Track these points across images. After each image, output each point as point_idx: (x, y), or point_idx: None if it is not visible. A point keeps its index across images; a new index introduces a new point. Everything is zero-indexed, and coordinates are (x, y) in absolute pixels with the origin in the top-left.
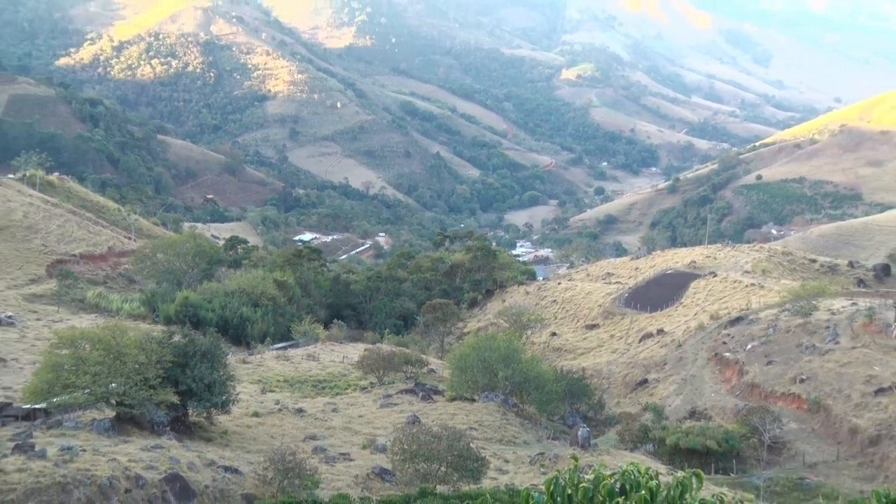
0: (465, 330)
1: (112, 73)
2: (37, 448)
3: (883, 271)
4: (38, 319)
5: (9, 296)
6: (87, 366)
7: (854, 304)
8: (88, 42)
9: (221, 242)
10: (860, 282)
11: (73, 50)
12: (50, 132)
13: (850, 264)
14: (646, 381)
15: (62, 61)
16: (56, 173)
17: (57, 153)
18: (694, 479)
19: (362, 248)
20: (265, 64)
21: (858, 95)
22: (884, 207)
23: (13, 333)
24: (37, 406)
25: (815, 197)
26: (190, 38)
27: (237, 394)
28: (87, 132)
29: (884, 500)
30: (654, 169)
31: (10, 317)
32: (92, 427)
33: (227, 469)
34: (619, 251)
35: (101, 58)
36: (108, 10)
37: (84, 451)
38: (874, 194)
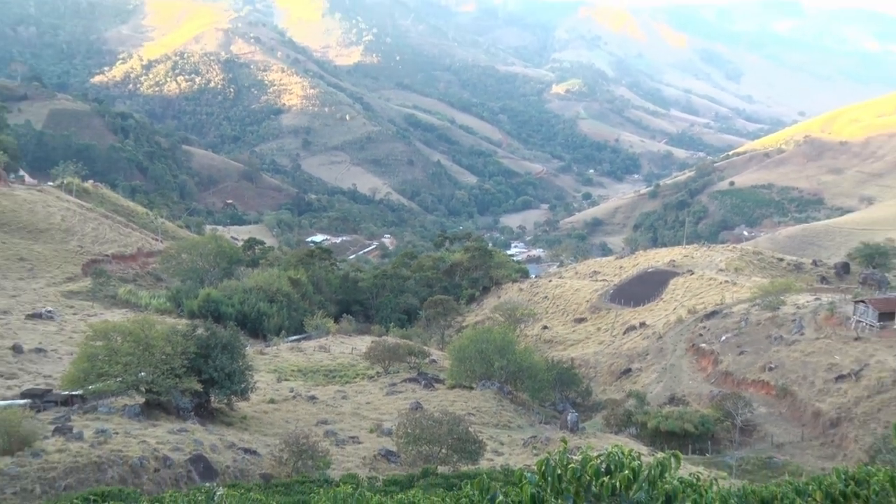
0: (464, 324)
1: (141, 89)
2: (74, 431)
3: (843, 269)
4: (74, 314)
5: (48, 292)
6: (119, 356)
7: (817, 299)
8: (120, 61)
9: (240, 244)
10: (823, 279)
11: (106, 68)
12: (85, 143)
13: (814, 263)
14: (629, 370)
15: (97, 79)
16: (91, 181)
17: (91, 162)
18: (673, 460)
19: (369, 248)
20: (280, 80)
21: (820, 109)
22: (843, 211)
23: (52, 326)
24: (74, 393)
25: (782, 202)
26: (212, 57)
27: (255, 382)
28: (119, 143)
29: (843, 476)
30: (636, 176)
31: (49, 311)
32: (123, 412)
33: (246, 451)
34: (605, 251)
35: (132, 75)
36: (138, 32)
37: (117, 433)
38: (835, 199)
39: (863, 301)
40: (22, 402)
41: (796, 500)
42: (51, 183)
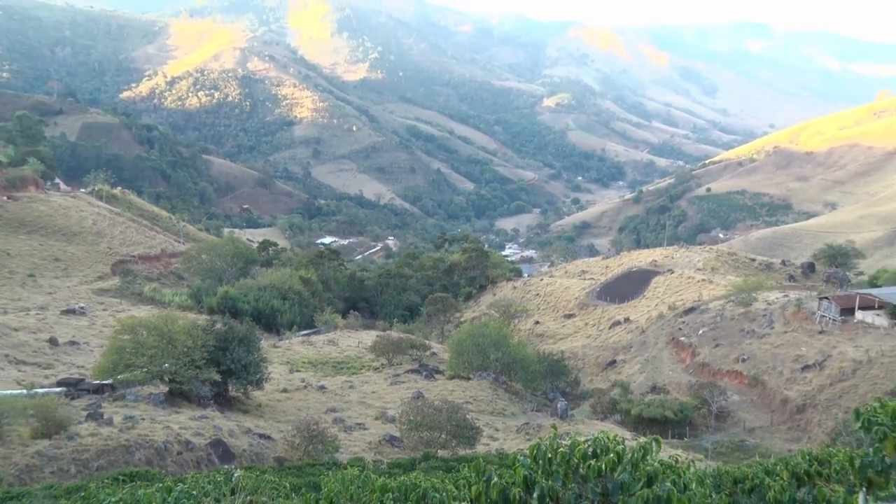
0: (462, 319)
1: (165, 103)
2: (105, 417)
3: (809, 269)
4: (104, 310)
5: (81, 290)
6: (145, 349)
7: (786, 296)
8: (146, 78)
9: (255, 245)
10: (791, 277)
11: (133, 85)
12: (114, 153)
13: (783, 263)
14: (614, 361)
15: (125, 94)
16: (119, 188)
17: (120, 171)
18: (654, 444)
19: (374, 249)
20: (292, 94)
21: (788, 122)
22: (809, 215)
23: (84, 321)
24: (104, 382)
25: (754, 206)
26: (230, 74)
27: (269, 373)
28: (145, 153)
29: (807, 457)
30: (621, 183)
31: (82, 307)
32: (149, 400)
33: (261, 436)
34: (592, 252)
35: (157, 91)
36: (162, 51)
37: (143, 419)
38: (802, 204)
39: (826, 297)
40: (58, 390)
41: (765, 479)
42: (83, 190)
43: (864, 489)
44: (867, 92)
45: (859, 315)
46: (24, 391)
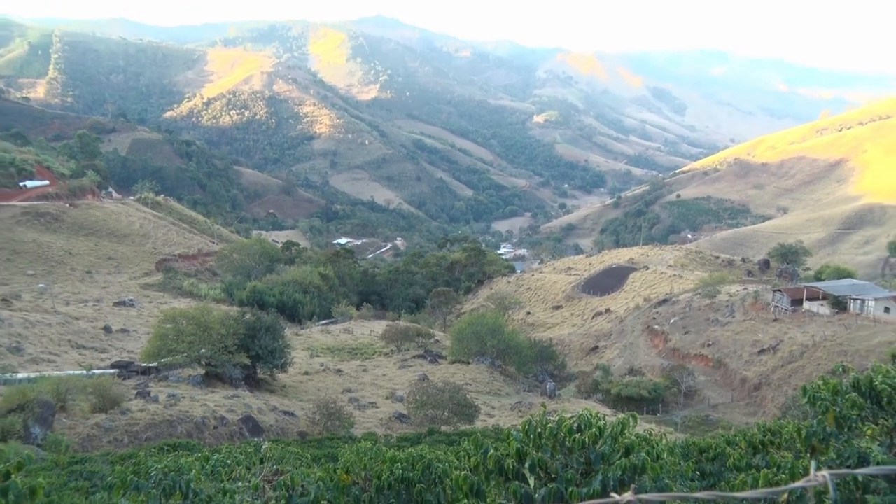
0: (462, 310)
1: (202, 121)
2: (152, 395)
3: (764, 265)
4: (150, 302)
5: (130, 285)
6: (185, 336)
7: (745, 289)
8: (186, 99)
9: (280, 245)
10: (749, 272)
11: (175, 105)
12: (158, 165)
13: (743, 260)
14: (596, 347)
15: (168, 114)
16: (162, 195)
17: (162, 180)
18: (631, 419)
19: (384, 249)
20: (312, 112)
21: (746, 137)
22: (765, 218)
23: (133, 312)
24: (151, 364)
25: (718, 211)
26: (258, 95)
27: (292, 358)
28: (184, 165)
29: (762, 429)
30: (602, 189)
31: (131, 300)
32: (189, 381)
33: (285, 413)
34: (578, 251)
35: (195, 110)
36: (200, 76)
37: (184, 398)
38: (758, 209)
39: (779, 290)
40: (112, 371)
41: (727, 448)
42: (132, 197)
43: (808, 455)
44: (812, 112)
45: (807, 305)
46: (84, 372)
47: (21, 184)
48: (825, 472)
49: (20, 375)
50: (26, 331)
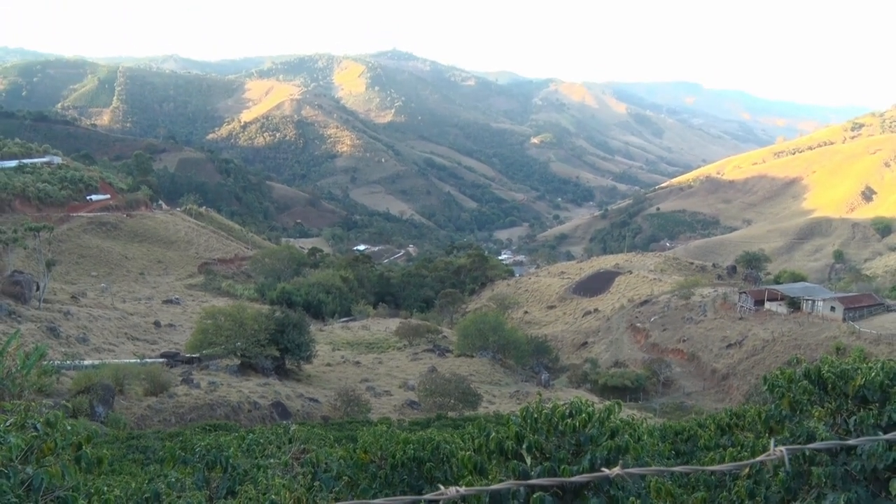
0: (467, 310)
1: (239, 142)
2: (194, 381)
3: (732, 270)
4: (193, 300)
5: (176, 285)
6: (222, 331)
7: (716, 290)
8: (226, 123)
9: (305, 251)
10: (719, 277)
11: (216, 129)
12: (201, 181)
13: (713, 266)
14: (586, 342)
15: (210, 136)
16: (204, 207)
17: (205, 194)
18: (616, 406)
19: (398, 255)
20: (335, 134)
21: (715, 158)
22: (732, 229)
23: (178, 309)
24: (194, 355)
25: (692, 222)
26: (288, 119)
27: (316, 351)
28: (223, 180)
29: (729, 413)
30: (591, 203)
31: (177, 299)
32: (226, 370)
33: (310, 399)
34: (569, 257)
35: (233, 133)
36: (239, 103)
37: (222, 384)
38: (727, 221)
39: (744, 292)
40: (161, 360)
41: (698, 430)
42: (178, 208)
43: (767, 434)
44: (769, 137)
45: (768, 305)
46: (138, 360)
47: (88, 197)
48: (782, 448)
49: (86, 362)
50: (90, 324)
